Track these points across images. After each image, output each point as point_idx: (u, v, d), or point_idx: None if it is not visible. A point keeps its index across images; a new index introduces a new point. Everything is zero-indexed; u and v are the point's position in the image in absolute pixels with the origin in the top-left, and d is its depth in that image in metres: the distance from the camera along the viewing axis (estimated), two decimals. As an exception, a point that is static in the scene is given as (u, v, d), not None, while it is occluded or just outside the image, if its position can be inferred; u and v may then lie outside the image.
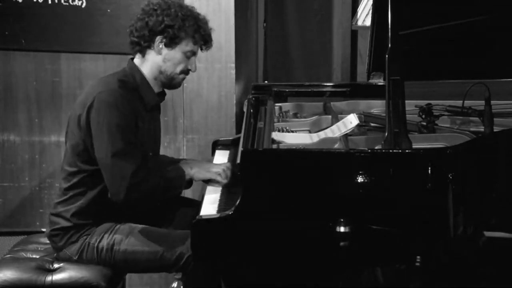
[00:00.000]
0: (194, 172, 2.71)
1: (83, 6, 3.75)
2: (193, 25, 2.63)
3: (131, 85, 2.63)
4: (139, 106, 2.62)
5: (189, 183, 2.81)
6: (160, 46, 2.63)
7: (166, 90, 2.80)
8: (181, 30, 2.61)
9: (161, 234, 2.66)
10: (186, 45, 2.64)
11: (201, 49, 2.73)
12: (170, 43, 2.62)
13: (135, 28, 2.64)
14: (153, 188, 2.55)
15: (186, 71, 2.69)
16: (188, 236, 2.41)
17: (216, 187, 2.73)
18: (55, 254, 2.70)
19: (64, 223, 2.64)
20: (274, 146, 2.70)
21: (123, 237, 2.63)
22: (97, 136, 2.52)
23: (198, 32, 2.65)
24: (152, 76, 2.68)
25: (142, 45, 2.64)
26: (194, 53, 2.68)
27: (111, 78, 2.64)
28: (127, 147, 2.50)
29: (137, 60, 2.69)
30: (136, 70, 2.67)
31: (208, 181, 2.75)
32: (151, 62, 2.66)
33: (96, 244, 2.62)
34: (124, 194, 2.47)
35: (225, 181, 2.71)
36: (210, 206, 2.58)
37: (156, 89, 2.71)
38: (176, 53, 2.64)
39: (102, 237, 2.63)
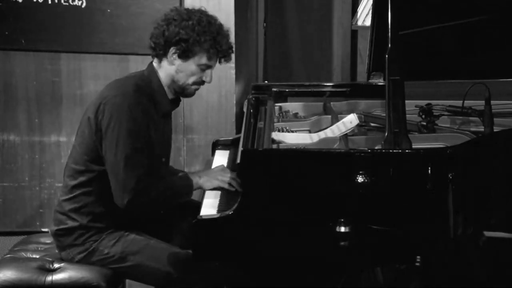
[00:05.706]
0: (203, 181, 2.65)
1: (83, 6, 3.76)
2: (209, 40, 2.59)
3: (147, 90, 2.61)
4: (152, 111, 2.61)
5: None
6: (174, 56, 2.60)
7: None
8: (195, 44, 2.57)
9: (181, 258, 2.62)
10: (200, 59, 2.61)
11: (220, 62, 2.69)
12: (183, 56, 2.60)
13: (153, 34, 2.63)
14: (157, 195, 2.54)
15: (199, 82, 2.66)
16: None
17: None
18: (56, 251, 2.70)
19: (71, 223, 2.63)
20: (274, 146, 2.70)
21: (138, 249, 2.62)
22: (107, 139, 2.51)
23: (214, 48, 2.61)
24: (166, 83, 2.66)
25: (158, 52, 2.63)
26: (209, 66, 2.64)
27: (127, 81, 2.64)
28: (135, 154, 2.49)
29: (155, 63, 2.67)
30: (154, 75, 2.65)
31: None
32: (165, 70, 2.64)
33: (106, 251, 2.61)
34: (127, 200, 2.47)
35: (234, 189, 2.63)
36: (210, 206, 2.57)
37: (171, 95, 2.70)
38: (189, 65, 2.61)
39: (114, 244, 2.62)
